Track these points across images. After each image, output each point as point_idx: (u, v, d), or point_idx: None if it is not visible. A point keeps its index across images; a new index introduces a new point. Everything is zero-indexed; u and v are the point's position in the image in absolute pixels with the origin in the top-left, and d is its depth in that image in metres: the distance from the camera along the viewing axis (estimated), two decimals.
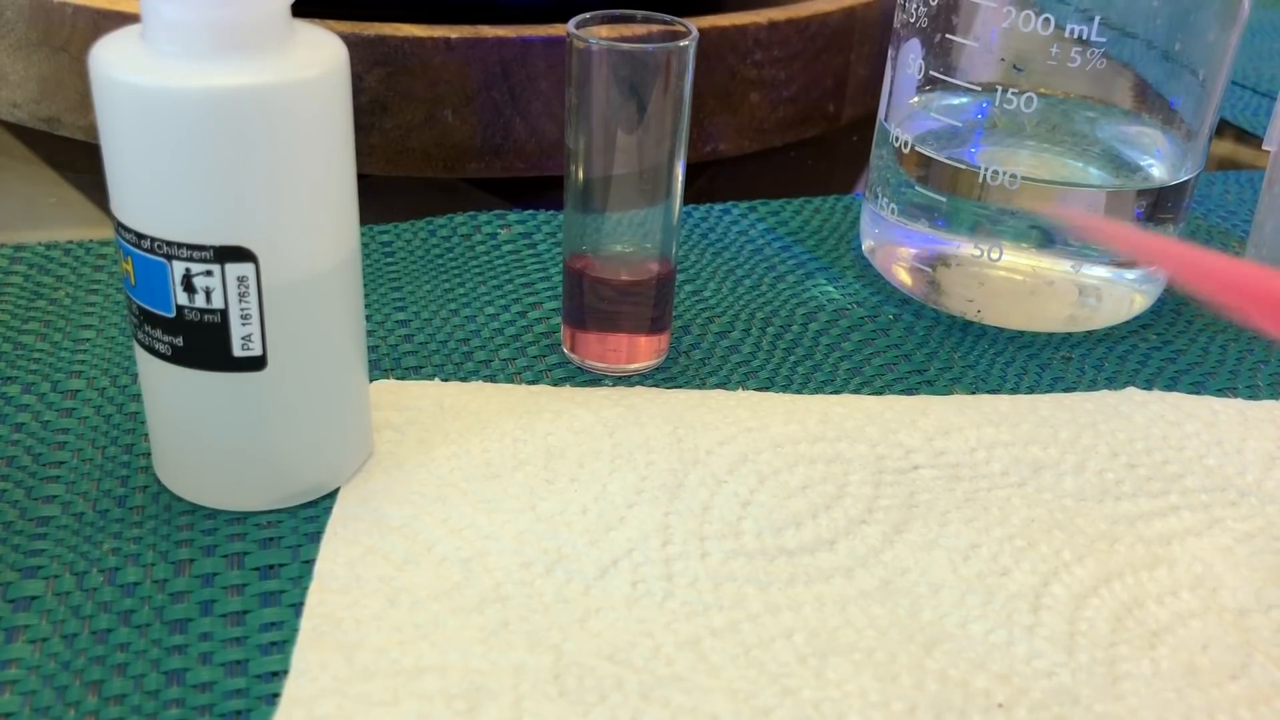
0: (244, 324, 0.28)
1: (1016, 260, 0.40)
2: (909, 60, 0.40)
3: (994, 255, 0.40)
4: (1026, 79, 0.38)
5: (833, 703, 0.26)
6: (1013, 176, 0.38)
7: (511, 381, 0.36)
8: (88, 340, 0.37)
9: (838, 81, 0.55)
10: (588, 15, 0.33)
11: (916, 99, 0.41)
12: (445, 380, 0.36)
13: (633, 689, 0.26)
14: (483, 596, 0.28)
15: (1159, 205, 0.40)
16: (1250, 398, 0.38)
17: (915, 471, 0.33)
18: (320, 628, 0.27)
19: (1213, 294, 0.21)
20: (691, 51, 0.33)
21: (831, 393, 0.37)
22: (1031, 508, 0.32)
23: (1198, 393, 0.38)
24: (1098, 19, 0.36)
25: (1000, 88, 0.38)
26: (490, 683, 0.25)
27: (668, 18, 0.34)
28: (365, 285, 0.40)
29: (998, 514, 0.31)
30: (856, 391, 0.37)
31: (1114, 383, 0.38)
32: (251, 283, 0.27)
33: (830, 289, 0.43)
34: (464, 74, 0.46)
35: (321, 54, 0.27)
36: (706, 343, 0.39)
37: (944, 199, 0.40)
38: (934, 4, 0.39)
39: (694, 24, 0.33)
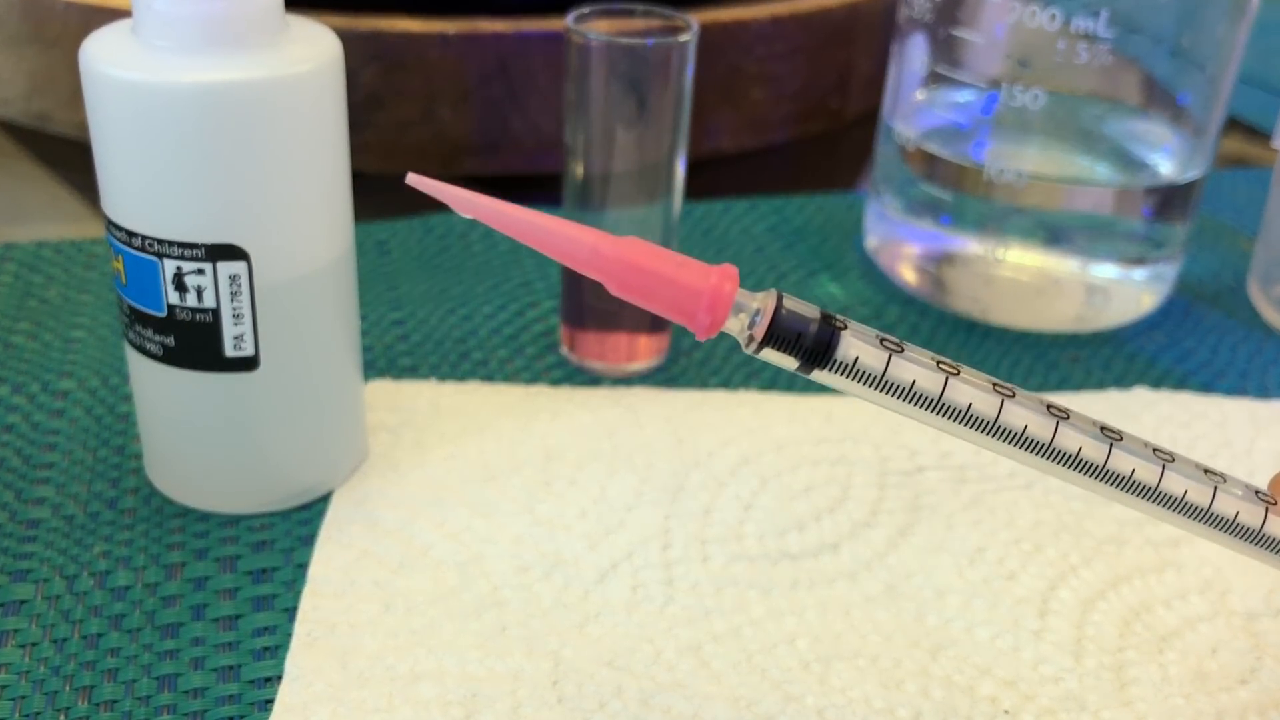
0: (236, 323, 0.27)
1: (1023, 259, 0.39)
2: (913, 56, 0.40)
3: (1000, 254, 0.39)
4: (1033, 75, 0.37)
5: (836, 709, 0.25)
6: (1019, 174, 0.38)
7: (509, 382, 0.36)
8: (78, 340, 0.37)
9: (841, 77, 0.55)
10: (587, 9, 0.33)
11: (921, 95, 0.40)
12: (441, 381, 0.36)
13: (633, 695, 0.25)
14: (480, 601, 0.27)
15: (1167, 203, 0.39)
16: (1260, 398, 0.37)
17: (920, 473, 0.32)
18: (314, 633, 0.26)
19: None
20: (692, 46, 0.32)
21: (835, 393, 0.36)
22: (1039, 510, 0.31)
23: (1207, 393, 0.37)
24: (1105, 14, 0.36)
25: (1006, 84, 0.37)
26: (488, 689, 0.25)
27: (668, 12, 0.33)
28: (360, 284, 0.40)
29: (1004, 516, 0.31)
30: None
31: (1122, 383, 0.38)
32: (244, 281, 0.27)
33: (834, 288, 0.43)
34: (461, 69, 0.46)
35: (315, 49, 0.27)
36: (708, 342, 0.39)
37: (949, 197, 0.40)
38: None
39: (695, 18, 0.33)
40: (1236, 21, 0.37)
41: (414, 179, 0.19)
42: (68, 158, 0.49)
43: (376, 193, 0.47)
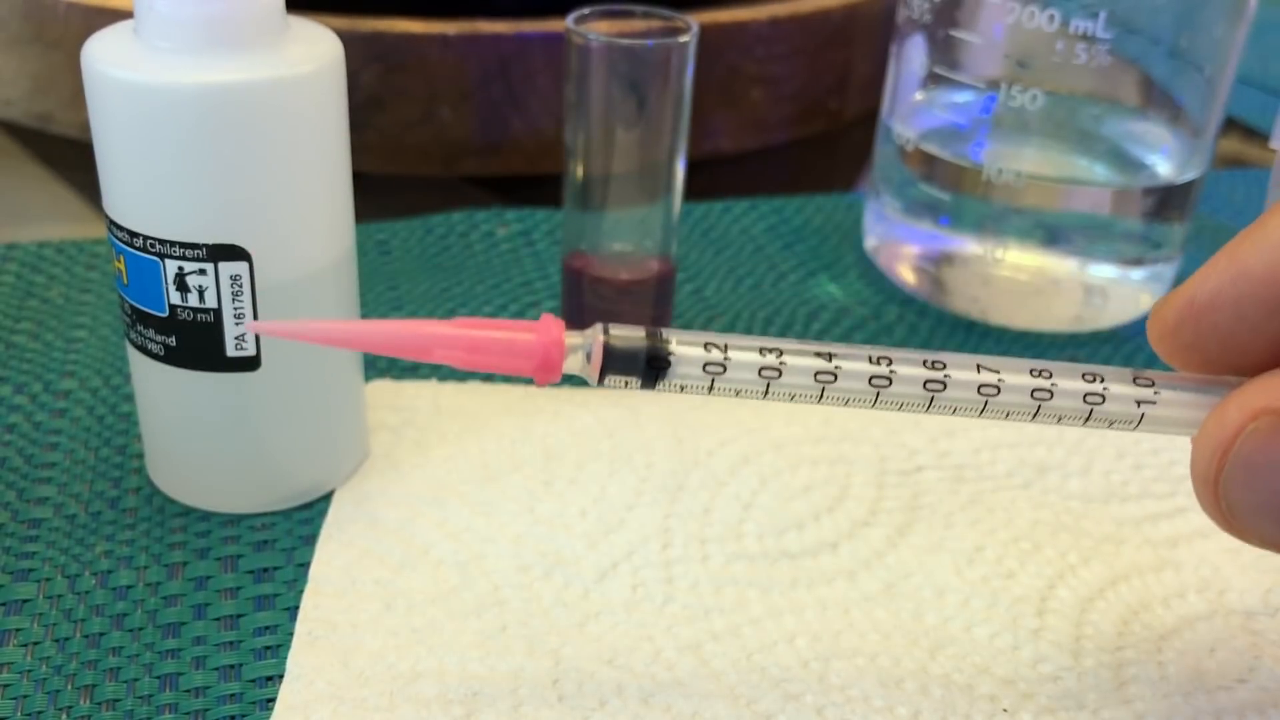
0: (238, 323, 0.27)
1: (1022, 259, 0.39)
2: (912, 57, 0.40)
3: (999, 254, 0.39)
4: (1031, 76, 0.37)
5: (836, 708, 0.25)
6: (1018, 174, 0.38)
7: (509, 382, 0.36)
8: (80, 340, 0.37)
9: (840, 78, 0.55)
10: (587, 10, 0.33)
11: (920, 96, 0.41)
12: (442, 380, 0.36)
13: (633, 694, 0.25)
14: (480, 600, 0.27)
15: (1165, 203, 0.39)
16: None
17: (919, 473, 0.32)
18: (315, 632, 0.26)
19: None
20: (692, 47, 0.32)
21: None
22: (1037, 510, 0.31)
23: None
24: (1103, 15, 0.36)
25: (1005, 84, 0.38)
26: (488, 688, 0.25)
27: (668, 13, 0.33)
28: (361, 284, 0.40)
29: (1003, 516, 0.31)
30: None
31: None
32: (245, 281, 0.27)
33: (833, 288, 0.43)
34: (461, 70, 0.46)
35: (316, 50, 0.27)
36: None
37: (948, 197, 0.40)
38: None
39: (694, 19, 0.33)
40: (1234, 22, 0.37)
41: (253, 325, 0.23)
42: (69, 158, 0.49)
43: (377, 193, 0.47)
